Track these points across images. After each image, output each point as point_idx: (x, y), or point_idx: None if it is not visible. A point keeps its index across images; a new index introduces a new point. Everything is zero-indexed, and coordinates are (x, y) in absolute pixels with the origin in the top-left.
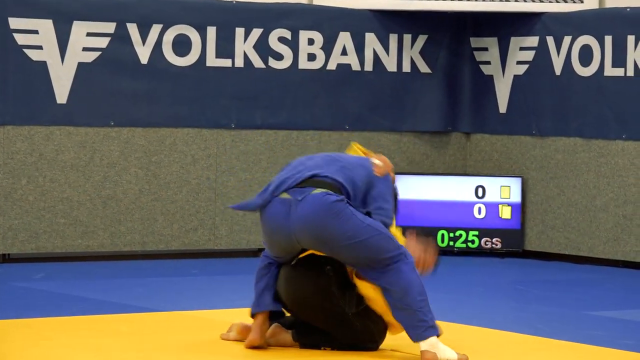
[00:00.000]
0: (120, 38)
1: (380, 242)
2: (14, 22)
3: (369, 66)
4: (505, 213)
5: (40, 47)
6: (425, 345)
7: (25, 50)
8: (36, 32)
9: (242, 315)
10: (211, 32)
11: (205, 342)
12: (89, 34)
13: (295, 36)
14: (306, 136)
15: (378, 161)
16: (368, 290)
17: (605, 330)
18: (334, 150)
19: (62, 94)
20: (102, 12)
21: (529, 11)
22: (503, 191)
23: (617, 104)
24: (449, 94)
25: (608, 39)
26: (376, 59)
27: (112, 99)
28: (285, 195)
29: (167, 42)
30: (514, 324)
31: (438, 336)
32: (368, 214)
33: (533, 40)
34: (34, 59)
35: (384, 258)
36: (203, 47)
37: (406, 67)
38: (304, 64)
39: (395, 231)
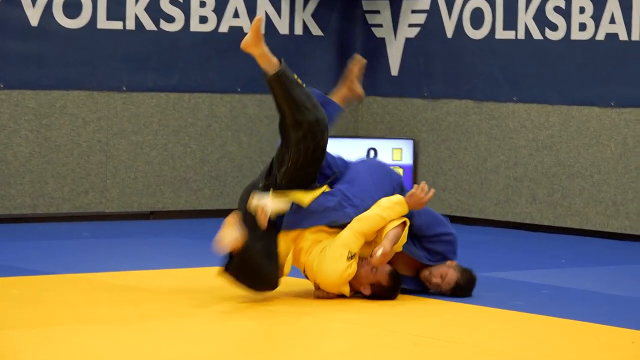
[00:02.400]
0: (9, 0)
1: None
2: None
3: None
4: None
5: None
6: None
7: None
8: None
9: (133, 278)
10: None
11: (95, 303)
12: None
13: None
14: (198, 99)
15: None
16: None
17: (496, 291)
18: (226, 112)
19: None
20: None
21: None
22: (395, 153)
23: (508, 66)
24: (341, 56)
25: (499, 2)
26: (268, 21)
27: (1, 61)
28: None
29: (57, 4)
30: None
31: None
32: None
33: (425, 3)
34: None
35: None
36: (94, 9)
37: (298, 30)
38: (195, 26)
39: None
